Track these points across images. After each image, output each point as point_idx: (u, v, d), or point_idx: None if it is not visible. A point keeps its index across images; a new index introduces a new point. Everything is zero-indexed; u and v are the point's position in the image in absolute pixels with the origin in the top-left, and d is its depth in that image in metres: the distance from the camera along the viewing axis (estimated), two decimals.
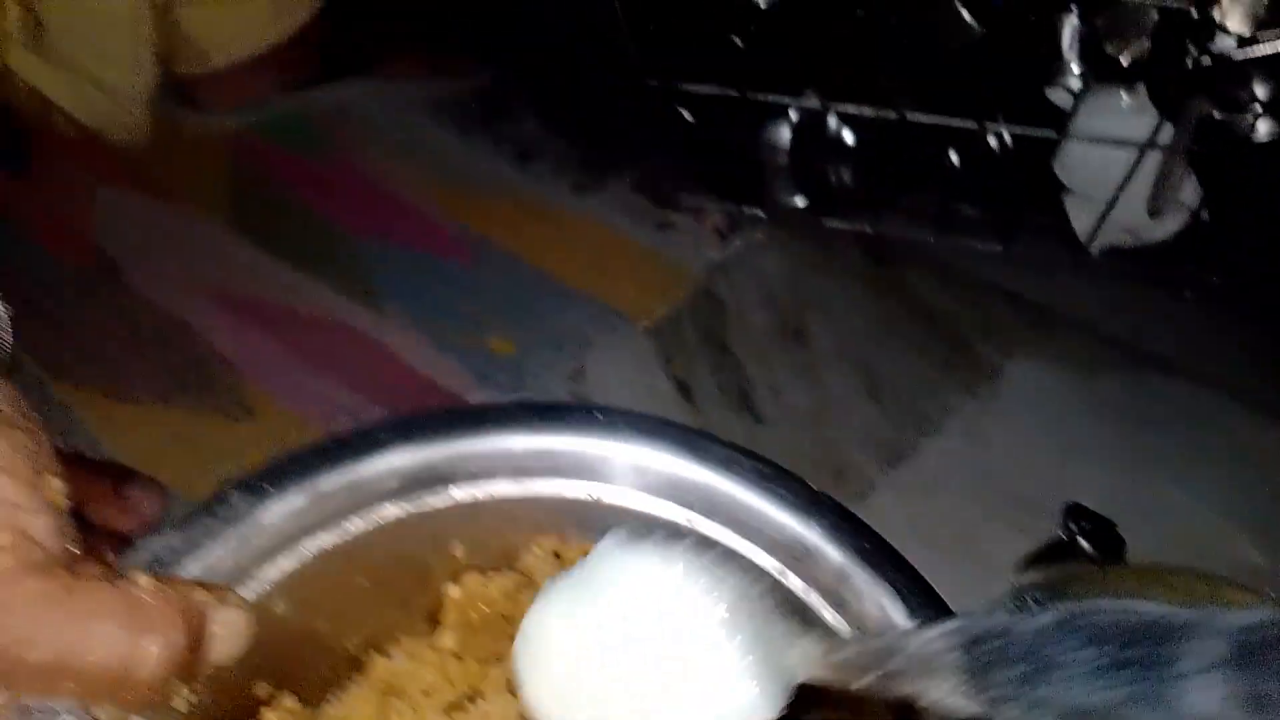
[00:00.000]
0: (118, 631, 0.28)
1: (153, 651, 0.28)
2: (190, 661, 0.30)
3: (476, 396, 0.74)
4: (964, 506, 0.70)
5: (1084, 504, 0.48)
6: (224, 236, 0.88)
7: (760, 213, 0.90)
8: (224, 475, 0.69)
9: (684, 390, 0.76)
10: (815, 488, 0.38)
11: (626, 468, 0.38)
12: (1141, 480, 0.71)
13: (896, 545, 0.38)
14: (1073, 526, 0.46)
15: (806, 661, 0.30)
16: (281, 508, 0.35)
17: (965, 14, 0.71)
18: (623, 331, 0.80)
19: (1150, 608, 0.24)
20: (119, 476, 0.68)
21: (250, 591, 0.34)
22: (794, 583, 0.37)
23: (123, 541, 0.65)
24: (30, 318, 0.80)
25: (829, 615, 0.36)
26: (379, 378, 0.76)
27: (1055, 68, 0.78)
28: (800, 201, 0.90)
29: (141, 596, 0.29)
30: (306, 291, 0.83)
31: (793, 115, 0.86)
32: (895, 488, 0.71)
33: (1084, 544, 0.45)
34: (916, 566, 0.38)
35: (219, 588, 0.32)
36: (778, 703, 0.29)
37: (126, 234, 0.89)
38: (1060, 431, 0.75)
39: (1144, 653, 0.23)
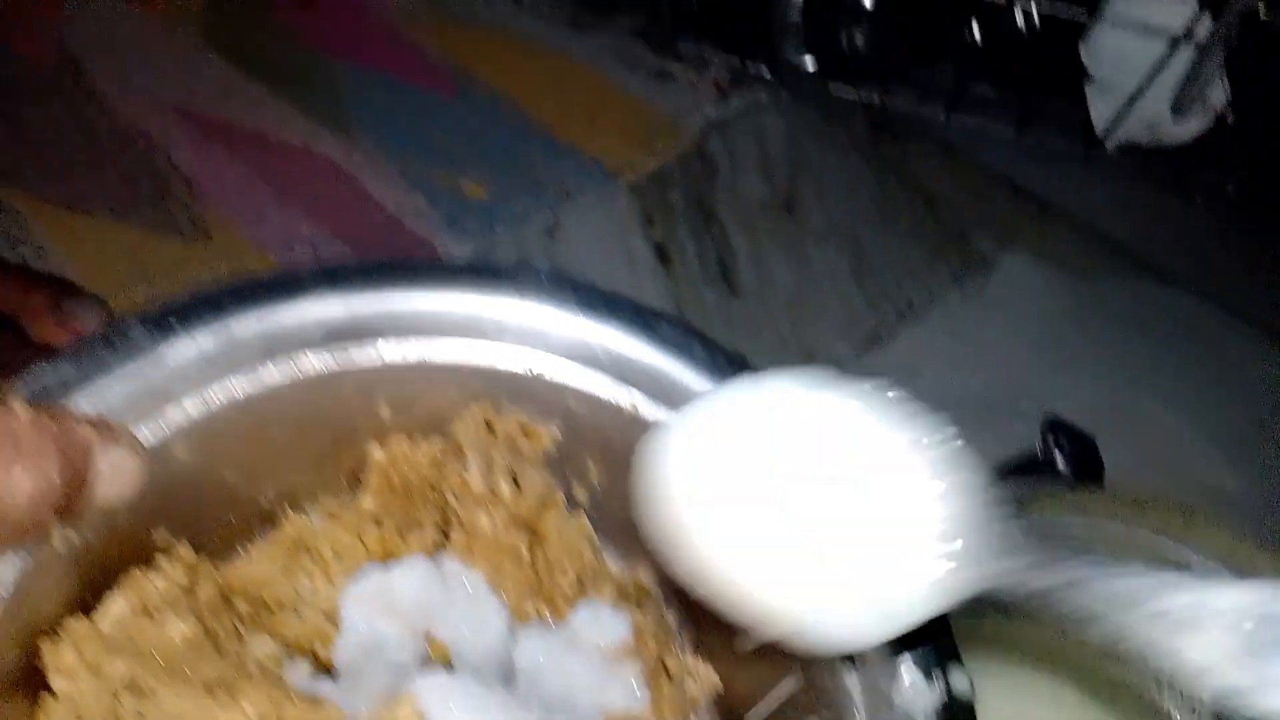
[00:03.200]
0: None
1: (23, 484, 0.26)
2: (70, 499, 0.28)
3: (444, 239, 0.71)
4: (935, 401, 0.67)
5: (1064, 417, 0.45)
6: (195, 47, 0.83)
7: (765, 71, 0.85)
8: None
9: (661, 254, 0.73)
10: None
11: (569, 340, 0.36)
12: (1125, 391, 0.69)
13: None
14: (1050, 442, 0.44)
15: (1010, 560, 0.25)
16: (189, 347, 0.32)
17: None
18: (605, 186, 0.76)
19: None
20: (61, 290, 0.65)
21: (149, 434, 0.32)
22: None
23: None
24: None
25: None
26: (344, 211, 0.73)
27: None
28: (809, 63, 0.85)
29: (15, 426, 0.27)
30: (276, 113, 0.79)
31: None
32: (866, 374, 0.68)
33: (1060, 461, 0.43)
34: None
35: (108, 425, 0.30)
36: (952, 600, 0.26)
37: (93, 33, 0.83)
38: (1047, 333, 0.73)
39: None
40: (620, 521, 0.38)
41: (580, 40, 0.87)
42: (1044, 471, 0.42)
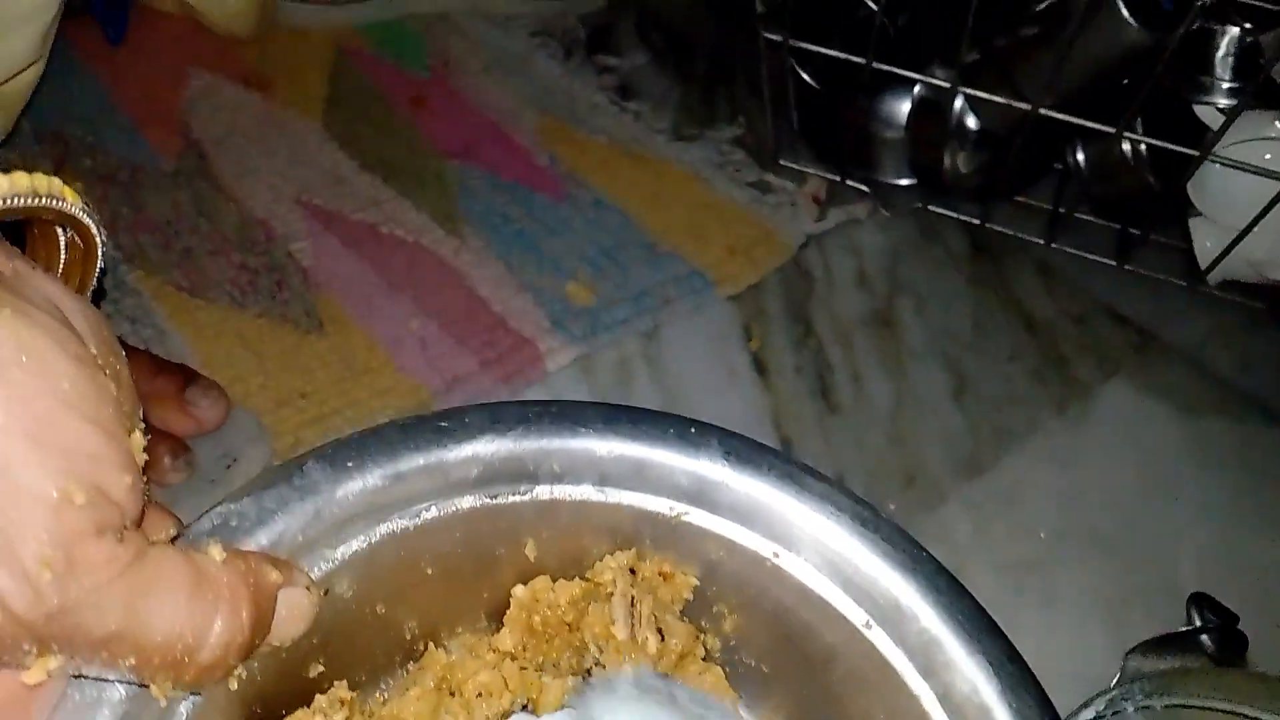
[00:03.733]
0: (186, 607, 0.26)
1: (219, 630, 0.27)
2: (255, 642, 0.29)
3: (548, 342, 0.72)
4: (1037, 533, 0.67)
5: (1210, 595, 0.45)
6: (314, 139, 0.86)
7: (864, 187, 0.86)
8: (285, 389, 0.68)
9: (759, 366, 0.74)
10: (918, 542, 0.36)
11: (716, 489, 0.36)
12: (1232, 533, 0.68)
13: (961, 563, 0.35)
14: (1198, 619, 0.43)
15: None
16: (359, 485, 0.33)
17: (1129, 18, 0.65)
18: (704, 295, 0.77)
19: None
20: (184, 378, 0.67)
21: (316, 569, 0.32)
22: (878, 637, 0.35)
23: (179, 445, 0.65)
24: (112, 196, 0.79)
25: (913, 682, 0.34)
26: (451, 306, 0.74)
27: (1207, 82, 0.72)
28: (909, 181, 0.86)
29: (213, 571, 0.28)
30: (389, 207, 0.81)
31: (917, 90, 0.81)
32: (967, 502, 0.68)
33: (1207, 640, 0.42)
34: (977, 590, 0.36)
35: (288, 565, 0.30)
36: None
37: (216, 122, 0.87)
38: (1151, 466, 0.72)
39: None
40: (752, 672, 0.38)
41: (683, 149, 0.89)
42: (1189, 648, 0.42)
